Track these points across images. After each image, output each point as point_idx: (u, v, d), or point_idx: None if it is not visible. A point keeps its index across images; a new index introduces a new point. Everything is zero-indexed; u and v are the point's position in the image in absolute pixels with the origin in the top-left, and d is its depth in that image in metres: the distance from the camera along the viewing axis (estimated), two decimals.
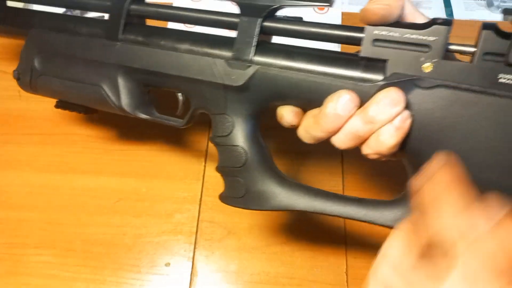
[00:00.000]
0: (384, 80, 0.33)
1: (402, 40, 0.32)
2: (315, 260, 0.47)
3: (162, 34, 0.41)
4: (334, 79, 0.34)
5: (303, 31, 0.36)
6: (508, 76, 0.30)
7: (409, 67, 0.32)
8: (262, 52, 0.36)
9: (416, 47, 0.32)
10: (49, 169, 0.52)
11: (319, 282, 0.46)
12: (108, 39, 0.42)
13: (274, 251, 0.48)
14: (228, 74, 0.37)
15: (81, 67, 0.43)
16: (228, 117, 0.39)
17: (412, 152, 0.34)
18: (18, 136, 0.54)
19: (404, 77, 0.32)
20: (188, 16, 0.40)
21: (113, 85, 0.43)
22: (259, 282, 0.46)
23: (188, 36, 0.40)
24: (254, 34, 0.36)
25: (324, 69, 0.35)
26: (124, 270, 0.47)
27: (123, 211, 0.50)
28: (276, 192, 0.37)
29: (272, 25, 0.36)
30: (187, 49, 0.39)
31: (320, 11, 0.65)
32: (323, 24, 0.35)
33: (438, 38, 0.32)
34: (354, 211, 0.36)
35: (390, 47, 0.33)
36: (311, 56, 0.35)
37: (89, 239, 0.48)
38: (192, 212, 0.50)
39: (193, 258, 0.47)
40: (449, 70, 0.31)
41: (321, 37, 0.35)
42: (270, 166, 0.39)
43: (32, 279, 0.46)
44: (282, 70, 0.35)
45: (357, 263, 0.47)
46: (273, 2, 0.36)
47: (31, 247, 0.48)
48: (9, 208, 0.50)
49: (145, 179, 0.51)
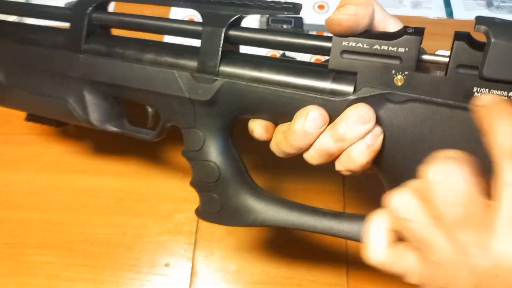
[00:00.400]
0: (354, 94, 0.31)
1: (371, 51, 0.31)
2: (315, 260, 0.47)
3: (125, 44, 0.39)
4: (303, 93, 0.33)
5: (269, 40, 0.34)
6: (483, 90, 0.28)
7: (380, 80, 0.31)
8: (228, 63, 0.35)
9: (386, 59, 0.31)
10: (49, 169, 0.52)
11: (319, 282, 0.46)
12: (71, 51, 0.40)
13: (274, 251, 0.48)
14: (194, 88, 0.36)
15: (45, 81, 0.42)
16: (198, 131, 0.37)
17: (385, 167, 0.33)
18: (18, 136, 0.54)
19: (375, 91, 0.31)
20: (152, 25, 0.38)
21: (79, 99, 0.41)
22: (259, 282, 0.46)
23: (152, 46, 0.38)
24: (218, 45, 0.34)
25: (293, 81, 0.33)
26: (124, 270, 0.47)
27: (123, 211, 0.50)
28: (252, 208, 0.36)
29: (237, 34, 0.35)
30: (151, 60, 0.37)
31: (321, 10, 0.65)
32: (290, 33, 0.34)
33: (409, 49, 0.30)
34: (330, 226, 0.34)
35: (359, 59, 0.31)
36: (279, 67, 0.34)
37: (89, 239, 0.48)
38: (192, 212, 0.49)
39: (193, 258, 0.47)
40: (422, 83, 0.30)
41: (288, 46, 0.34)
42: (245, 180, 0.38)
43: (32, 279, 0.46)
44: (249, 84, 0.34)
45: (357, 263, 0.47)
46: (236, 11, 0.34)
47: (32, 247, 0.48)
48: (9, 208, 0.50)
49: (145, 179, 0.51)
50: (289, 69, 0.34)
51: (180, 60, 0.37)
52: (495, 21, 0.27)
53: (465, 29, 0.68)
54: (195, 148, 0.38)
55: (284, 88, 0.33)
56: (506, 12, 0.65)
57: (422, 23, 0.64)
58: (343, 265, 0.47)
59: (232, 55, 0.36)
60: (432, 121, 0.30)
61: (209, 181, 0.38)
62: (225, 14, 0.34)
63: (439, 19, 0.65)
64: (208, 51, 0.35)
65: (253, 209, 0.37)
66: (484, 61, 0.27)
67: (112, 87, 0.40)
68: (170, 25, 0.38)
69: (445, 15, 0.65)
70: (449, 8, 0.66)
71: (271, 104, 0.34)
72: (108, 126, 0.43)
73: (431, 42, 0.62)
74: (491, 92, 0.28)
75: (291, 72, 0.34)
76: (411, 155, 0.31)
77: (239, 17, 0.34)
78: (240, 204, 0.37)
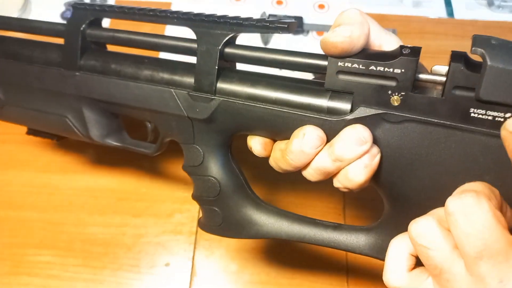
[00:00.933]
0: (350, 115, 0.31)
1: (367, 72, 0.30)
2: (315, 260, 0.47)
3: (121, 61, 0.39)
4: (300, 113, 0.33)
5: (265, 58, 0.34)
6: (479, 111, 0.28)
7: (376, 100, 0.31)
8: (225, 81, 0.35)
9: (383, 79, 0.30)
10: (49, 169, 0.52)
11: (319, 282, 0.46)
12: (66, 69, 0.40)
13: (274, 251, 0.48)
14: (192, 106, 0.36)
15: (42, 97, 0.42)
16: (197, 147, 0.38)
17: (384, 184, 0.33)
18: (18, 136, 0.54)
19: (371, 111, 0.31)
20: (146, 42, 0.38)
21: (78, 115, 0.41)
22: (259, 282, 0.46)
23: (148, 62, 0.38)
24: (214, 64, 0.34)
25: (289, 100, 0.33)
26: (124, 270, 0.47)
27: (123, 211, 0.50)
28: (253, 221, 0.37)
29: (233, 52, 0.35)
30: (147, 77, 0.37)
31: (321, 10, 0.65)
32: (285, 52, 0.33)
33: (405, 70, 0.29)
34: (331, 238, 0.35)
35: (355, 79, 0.31)
36: (276, 86, 0.34)
37: (89, 239, 0.48)
38: (192, 212, 0.50)
39: (193, 258, 0.47)
40: (418, 103, 0.30)
41: (284, 65, 0.34)
42: (245, 194, 0.38)
43: (32, 279, 0.46)
44: (246, 103, 0.34)
45: (357, 263, 0.47)
46: (231, 30, 0.34)
47: (31, 247, 0.48)
48: (9, 208, 0.50)
49: (145, 179, 0.51)
50: (286, 88, 0.34)
51: (176, 77, 0.37)
52: (491, 43, 0.27)
53: (466, 28, 0.69)
54: (195, 164, 0.38)
55: (281, 107, 0.33)
56: (507, 11, 0.65)
57: (422, 22, 0.64)
58: (343, 265, 0.47)
59: (229, 72, 0.35)
60: (428, 141, 0.30)
61: (210, 195, 0.38)
62: (220, 33, 0.34)
63: (440, 19, 0.65)
64: (203, 70, 0.35)
65: (254, 222, 0.37)
66: (480, 84, 0.27)
67: (109, 104, 0.40)
68: (164, 42, 0.37)
69: (446, 15, 0.65)
70: (450, 7, 0.66)
71: (268, 123, 0.34)
72: (109, 141, 0.43)
73: (431, 41, 0.63)
74: (488, 114, 0.28)
75: (288, 91, 0.33)
76: (409, 173, 0.31)
77: (233, 36, 0.34)
78: (242, 217, 0.37)
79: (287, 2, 0.66)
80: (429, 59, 0.62)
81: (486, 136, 0.29)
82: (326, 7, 0.66)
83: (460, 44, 0.61)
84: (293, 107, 0.33)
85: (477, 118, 0.29)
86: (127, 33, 0.39)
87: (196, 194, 0.39)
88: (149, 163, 0.52)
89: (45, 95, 0.42)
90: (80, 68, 0.39)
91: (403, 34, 0.63)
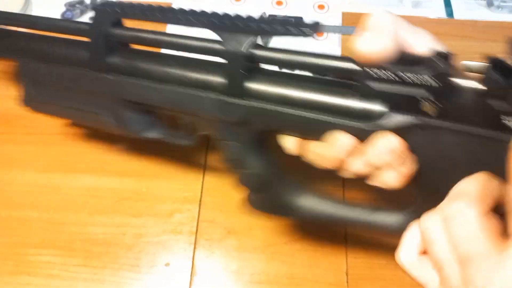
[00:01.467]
0: (383, 122, 0.31)
1: (399, 80, 0.30)
2: (315, 260, 0.47)
3: (148, 61, 0.39)
4: (331, 118, 0.33)
5: (293, 61, 0.34)
6: (510, 118, 0.28)
7: (409, 108, 0.30)
8: (254, 82, 0.35)
9: (415, 87, 0.30)
10: (50, 169, 0.52)
11: (319, 282, 0.46)
12: (94, 70, 0.40)
13: (274, 251, 0.48)
14: (222, 109, 0.36)
15: (75, 95, 0.43)
16: (232, 143, 0.38)
17: (417, 185, 0.33)
18: (18, 136, 0.54)
19: (404, 119, 0.31)
20: (171, 42, 0.38)
21: (112, 112, 0.42)
22: (259, 282, 0.46)
23: (176, 63, 0.38)
24: (240, 67, 0.34)
25: (321, 104, 0.33)
26: (124, 270, 0.47)
27: (123, 211, 0.50)
28: (296, 204, 0.39)
29: (260, 54, 0.34)
30: (177, 79, 0.38)
31: (320, 10, 0.65)
32: (314, 54, 0.33)
33: (437, 77, 0.29)
34: (368, 220, 0.36)
35: (387, 87, 0.31)
36: (307, 88, 0.34)
37: (89, 239, 0.48)
38: (192, 212, 0.50)
39: (193, 258, 0.47)
40: (452, 111, 0.29)
41: (312, 68, 0.34)
42: (286, 181, 0.39)
43: (32, 278, 0.46)
44: (276, 107, 0.34)
45: (357, 263, 0.47)
46: (255, 32, 0.34)
47: (32, 247, 0.48)
48: (9, 208, 0.50)
49: (145, 179, 0.51)
50: (316, 90, 0.33)
51: (206, 77, 0.37)
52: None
53: (465, 28, 0.68)
54: (232, 158, 0.39)
55: (311, 111, 0.33)
56: (506, 11, 0.65)
57: (422, 23, 0.64)
58: (343, 265, 0.47)
59: (257, 74, 0.35)
60: (463, 150, 0.30)
61: (253, 185, 0.40)
62: (244, 36, 0.34)
63: (439, 19, 0.65)
64: (232, 73, 0.35)
65: (297, 205, 0.39)
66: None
67: (142, 103, 0.40)
68: (190, 43, 0.37)
69: (445, 15, 0.65)
70: (450, 7, 0.66)
71: (298, 126, 0.34)
72: (146, 134, 0.44)
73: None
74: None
75: (318, 94, 0.33)
76: (444, 181, 0.31)
77: (256, 37, 0.34)
78: (285, 200, 0.39)
79: (287, 2, 0.66)
80: None
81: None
82: (326, 8, 0.66)
83: (460, 44, 0.61)
84: (324, 111, 0.33)
85: (507, 126, 0.28)
86: (153, 33, 0.38)
87: (240, 182, 0.41)
88: (149, 164, 0.52)
89: (78, 94, 0.42)
90: (108, 69, 0.40)
91: None
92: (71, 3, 0.65)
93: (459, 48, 0.31)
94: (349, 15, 0.65)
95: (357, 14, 0.65)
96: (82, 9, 0.64)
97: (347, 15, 0.65)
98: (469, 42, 0.62)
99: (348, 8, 0.66)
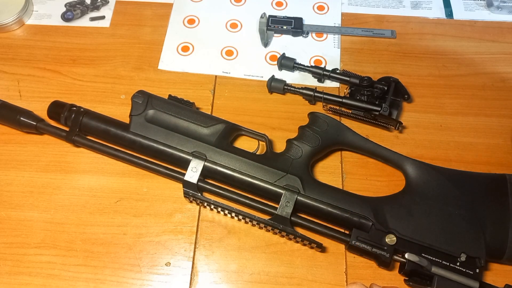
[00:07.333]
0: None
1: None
2: (315, 260, 0.48)
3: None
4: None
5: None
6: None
7: None
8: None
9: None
10: (50, 169, 0.52)
11: (319, 281, 0.47)
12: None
13: (274, 251, 0.48)
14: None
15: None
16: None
17: None
18: (19, 136, 0.54)
19: None
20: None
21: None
22: (259, 281, 0.46)
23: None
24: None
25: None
26: (125, 270, 0.47)
27: (123, 211, 0.50)
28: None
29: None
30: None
31: (320, 11, 0.65)
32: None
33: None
34: None
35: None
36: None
37: (90, 239, 0.48)
38: (192, 212, 0.50)
39: (193, 257, 0.48)
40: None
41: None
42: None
43: (33, 278, 0.46)
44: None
45: (356, 263, 0.47)
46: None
47: (32, 247, 0.48)
48: (10, 208, 0.50)
49: (146, 179, 0.52)
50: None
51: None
52: None
53: (465, 29, 0.68)
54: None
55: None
56: (506, 12, 0.65)
57: (421, 23, 0.64)
58: (342, 265, 0.47)
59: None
60: None
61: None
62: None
63: (439, 19, 0.65)
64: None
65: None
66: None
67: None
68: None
69: (445, 15, 0.65)
70: (449, 8, 0.66)
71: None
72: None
73: (430, 42, 0.63)
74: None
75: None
76: None
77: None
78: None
79: (287, 3, 0.66)
80: (429, 60, 0.62)
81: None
82: (325, 8, 0.66)
83: (459, 44, 0.61)
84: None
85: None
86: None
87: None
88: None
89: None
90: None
91: (402, 35, 0.63)
92: (71, 4, 0.65)
93: (458, 49, 0.31)
94: (349, 15, 0.65)
95: (356, 15, 0.65)
96: (83, 10, 0.64)
97: (346, 15, 0.65)
98: (468, 43, 0.62)
99: (348, 9, 0.66)
